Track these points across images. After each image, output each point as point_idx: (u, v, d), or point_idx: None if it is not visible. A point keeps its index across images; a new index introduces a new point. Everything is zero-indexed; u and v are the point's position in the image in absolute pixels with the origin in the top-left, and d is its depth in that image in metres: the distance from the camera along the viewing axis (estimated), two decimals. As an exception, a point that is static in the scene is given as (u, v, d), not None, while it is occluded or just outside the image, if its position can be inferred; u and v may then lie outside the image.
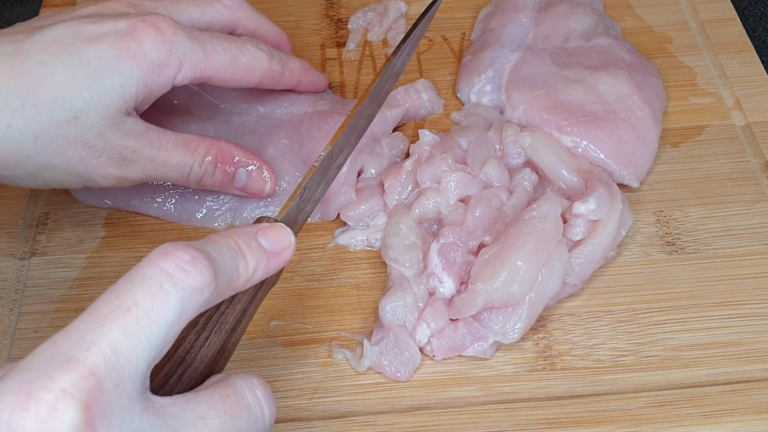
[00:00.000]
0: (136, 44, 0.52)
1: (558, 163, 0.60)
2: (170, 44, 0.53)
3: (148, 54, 0.53)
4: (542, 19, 0.70)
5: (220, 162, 0.57)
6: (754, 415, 0.51)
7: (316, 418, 0.52)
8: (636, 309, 0.57)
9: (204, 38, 0.55)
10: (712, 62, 0.71)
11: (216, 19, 0.59)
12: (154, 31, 0.53)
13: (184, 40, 0.54)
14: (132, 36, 0.52)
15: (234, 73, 0.57)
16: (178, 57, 0.54)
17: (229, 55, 0.56)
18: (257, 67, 0.58)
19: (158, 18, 0.54)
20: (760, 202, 0.62)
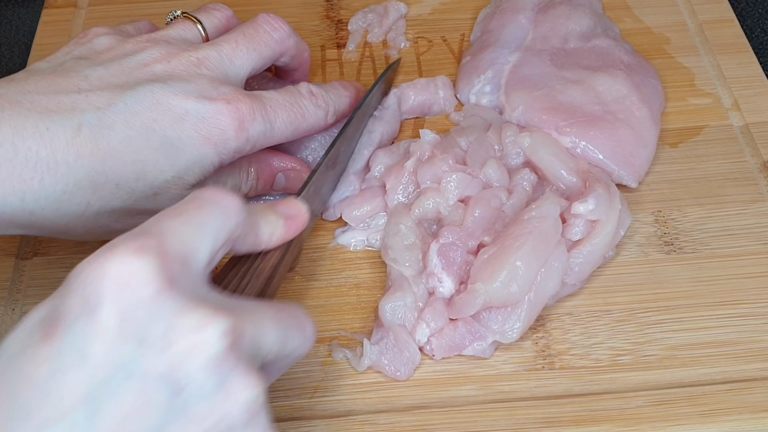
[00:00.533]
0: (219, 132, 0.52)
1: (557, 163, 0.60)
2: (248, 133, 0.54)
3: (229, 144, 0.53)
4: (541, 21, 0.70)
5: (260, 174, 0.60)
6: (752, 414, 0.51)
7: (317, 416, 0.52)
8: (634, 308, 0.57)
9: (275, 115, 0.56)
10: (710, 63, 0.71)
11: (269, 58, 0.59)
12: (238, 123, 0.53)
13: (260, 127, 0.55)
14: (215, 122, 0.52)
15: (292, 137, 0.58)
16: (252, 143, 0.55)
17: (294, 126, 0.57)
18: (315, 127, 0.59)
19: (241, 104, 0.53)
20: (758, 202, 0.62)
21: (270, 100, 0.56)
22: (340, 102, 0.62)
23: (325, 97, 0.60)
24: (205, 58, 0.55)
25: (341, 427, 0.51)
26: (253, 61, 0.57)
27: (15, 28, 0.83)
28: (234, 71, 0.56)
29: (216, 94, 0.53)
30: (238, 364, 0.37)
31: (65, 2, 0.77)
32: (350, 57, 0.73)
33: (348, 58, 0.73)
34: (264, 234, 0.46)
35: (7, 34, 0.83)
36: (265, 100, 0.56)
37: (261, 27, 0.59)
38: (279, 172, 0.61)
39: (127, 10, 0.76)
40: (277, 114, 0.56)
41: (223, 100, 0.53)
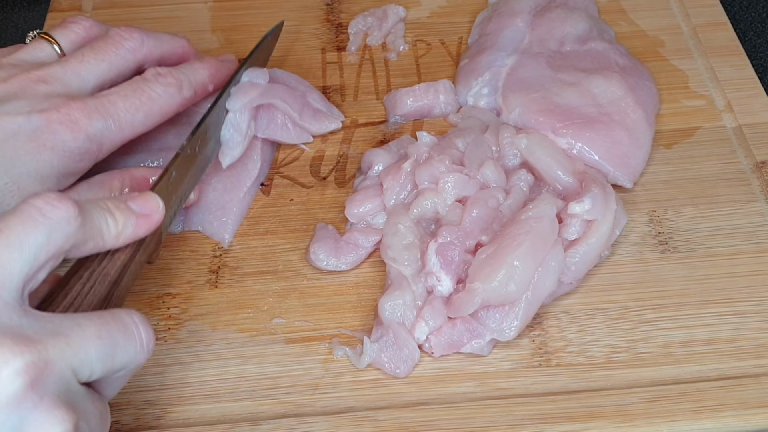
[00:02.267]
0: (53, 137, 0.52)
1: (553, 164, 0.60)
2: (87, 132, 0.53)
3: (67, 144, 0.52)
4: (538, 24, 0.70)
5: (135, 188, 0.58)
6: (745, 411, 0.51)
7: (317, 413, 0.52)
8: (629, 307, 0.57)
9: (116, 108, 0.55)
10: (703, 65, 0.71)
11: (123, 67, 0.58)
12: (70, 126, 0.52)
13: (99, 123, 0.54)
14: (48, 130, 0.52)
15: (151, 124, 0.57)
16: (97, 141, 0.54)
17: (143, 112, 0.56)
18: (171, 105, 0.58)
19: (71, 108, 0.53)
20: (751, 202, 0.62)
21: (107, 96, 0.55)
22: (195, 75, 0.60)
23: (175, 74, 0.58)
24: (47, 75, 0.55)
25: (342, 424, 0.51)
26: (102, 71, 0.57)
27: (21, 31, 0.83)
28: (80, 84, 0.55)
29: (48, 104, 0.53)
30: (43, 400, 0.36)
31: (70, 6, 0.77)
32: (350, 60, 0.73)
33: (348, 61, 0.73)
34: (108, 236, 0.45)
35: (12, 37, 0.83)
36: (101, 97, 0.55)
37: (110, 39, 0.58)
38: None
39: (130, 13, 0.76)
40: (117, 106, 0.55)
41: (54, 109, 0.52)
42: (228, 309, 0.57)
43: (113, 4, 0.77)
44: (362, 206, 0.60)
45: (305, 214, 0.62)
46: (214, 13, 0.77)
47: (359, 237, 0.59)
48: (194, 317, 0.57)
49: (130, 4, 0.77)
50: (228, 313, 0.57)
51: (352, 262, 0.59)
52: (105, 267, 0.46)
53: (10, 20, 0.85)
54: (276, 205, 0.63)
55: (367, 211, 0.60)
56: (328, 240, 0.59)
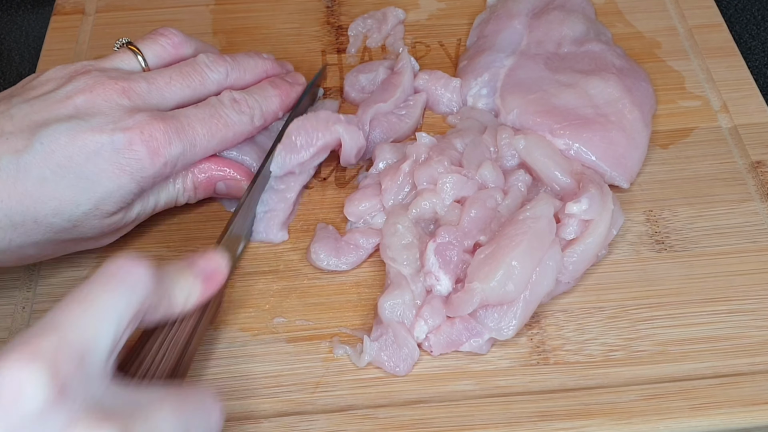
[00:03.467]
0: (134, 162, 0.52)
1: (551, 165, 0.60)
2: (165, 158, 0.54)
3: (145, 171, 0.53)
4: (535, 26, 0.70)
5: (197, 183, 0.58)
6: (741, 408, 0.51)
7: (318, 411, 0.52)
8: (626, 305, 0.57)
9: (192, 132, 0.55)
10: (699, 67, 0.71)
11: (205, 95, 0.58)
12: (152, 150, 0.53)
13: (178, 148, 0.54)
14: (129, 152, 0.52)
15: (222, 148, 0.58)
16: (172, 164, 0.55)
17: (217, 138, 0.57)
18: (243, 133, 0.59)
19: (155, 129, 0.53)
20: (747, 202, 0.62)
21: (187, 117, 0.56)
22: (267, 103, 0.60)
23: (249, 101, 0.59)
24: (131, 89, 0.55)
25: (342, 422, 0.51)
26: (184, 96, 0.57)
27: (25, 34, 0.83)
28: (161, 103, 0.56)
29: (132, 123, 0.53)
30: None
31: (73, 9, 0.77)
32: (350, 62, 0.73)
33: (348, 63, 0.73)
34: (178, 299, 0.46)
35: (17, 40, 0.83)
36: (182, 119, 0.55)
37: (198, 66, 0.58)
38: (218, 180, 0.59)
39: (133, 16, 0.76)
40: (196, 131, 0.56)
41: (137, 129, 0.53)
42: (229, 308, 0.57)
43: (116, 7, 0.77)
44: (361, 205, 0.60)
45: (306, 215, 0.62)
46: (216, 15, 0.77)
47: (360, 238, 0.59)
48: (196, 316, 0.57)
49: (133, 7, 0.77)
50: (230, 313, 0.57)
51: (353, 262, 0.59)
52: (175, 335, 0.47)
53: (14, 22, 0.85)
54: (277, 205, 0.63)
55: (365, 210, 0.60)
56: (329, 240, 0.59)
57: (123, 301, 0.40)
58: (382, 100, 0.65)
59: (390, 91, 0.66)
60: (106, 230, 0.55)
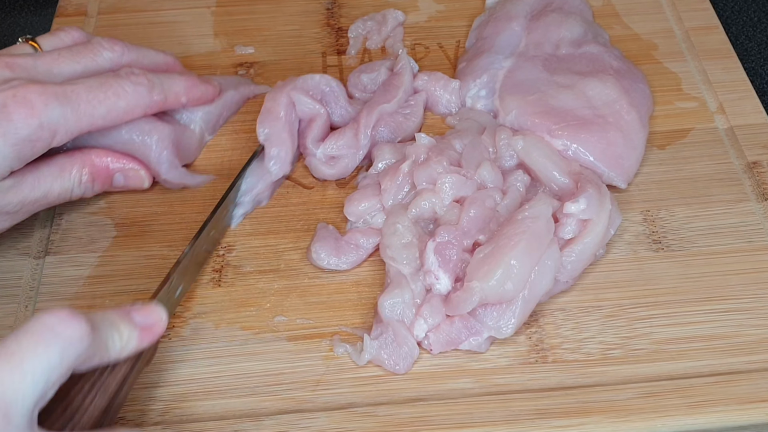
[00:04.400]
0: (6, 123, 0.51)
1: (549, 165, 0.60)
2: (40, 119, 0.51)
3: (19, 132, 0.51)
4: (534, 28, 0.70)
5: (96, 176, 0.58)
6: (738, 406, 0.51)
7: (319, 409, 0.52)
8: (624, 304, 0.57)
9: (77, 97, 0.53)
10: (696, 68, 0.71)
11: (100, 67, 0.57)
12: (25, 109, 0.51)
13: (56, 110, 0.52)
14: (2, 114, 0.51)
15: (113, 119, 0.56)
16: (51, 129, 0.52)
17: (106, 106, 0.55)
18: (138, 105, 0.57)
19: (29, 91, 0.51)
20: (743, 202, 0.62)
21: (72, 84, 0.54)
22: (170, 82, 0.59)
23: (149, 76, 0.58)
24: (15, 62, 0.53)
25: (342, 419, 0.51)
26: (75, 71, 0.56)
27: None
28: (50, 78, 0.54)
29: (6, 87, 0.51)
30: None
31: (76, 11, 0.77)
32: (350, 63, 0.73)
33: (348, 64, 0.73)
34: (113, 349, 0.45)
35: (19, 42, 0.83)
36: (66, 86, 0.53)
37: (90, 45, 0.58)
38: (116, 172, 0.59)
39: (135, 18, 0.76)
40: (80, 96, 0.53)
41: (11, 91, 0.51)
42: (231, 307, 0.57)
43: (118, 9, 0.77)
44: (361, 205, 0.60)
45: (306, 215, 0.62)
46: (217, 17, 0.77)
47: (360, 237, 0.59)
48: (198, 315, 0.57)
49: (135, 9, 0.77)
50: (231, 311, 0.57)
51: (353, 261, 0.59)
52: (106, 379, 0.46)
53: (17, 24, 0.85)
54: (277, 205, 0.63)
55: (365, 210, 0.60)
56: (329, 240, 0.59)
57: (56, 357, 0.39)
58: (385, 100, 0.65)
59: (392, 91, 0.66)
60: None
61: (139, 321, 0.47)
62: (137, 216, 0.62)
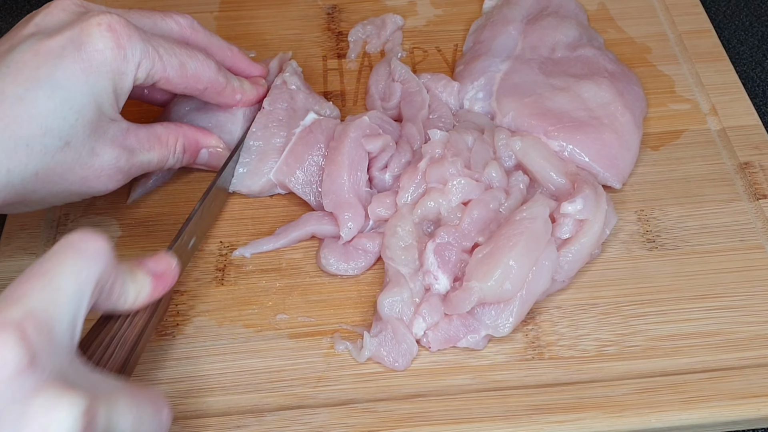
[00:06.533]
0: (96, 53, 0.51)
1: (547, 166, 0.60)
2: (125, 49, 0.52)
3: (109, 63, 0.51)
4: (530, 31, 0.70)
5: (187, 148, 0.59)
6: (731, 401, 0.51)
7: (320, 405, 0.52)
8: (619, 302, 0.57)
9: (157, 41, 0.54)
10: (689, 71, 0.71)
11: (165, 32, 0.58)
12: (111, 36, 0.51)
13: (138, 43, 0.52)
14: (90, 44, 0.51)
15: (182, 77, 0.56)
16: (135, 61, 0.53)
17: (179, 59, 0.55)
18: (204, 74, 0.57)
19: (113, 19, 0.51)
20: (735, 202, 0.62)
21: (152, 32, 0.55)
22: (250, 86, 0.62)
23: (227, 73, 0.59)
24: (90, 3, 0.54)
25: (343, 415, 0.51)
26: (145, 24, 0.56)
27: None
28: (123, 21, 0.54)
29: (89, 16, 0.51)
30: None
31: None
32: (350, 66, 0.73)
33: (348, 68, 0.73)
34: (130, 293, 0.46)
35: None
36: (146, 30, 0.54)
37: (161, 10, 0.59)
38: (204, 147, 0.60)
39: (139, 23, 0.76)
40: (159, 42, 0.54)
41: (95, 20, 0.51)
42: (233, 305, 0.57)
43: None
44: (376, 209, 0.59)
45: (307, 215, 0.62)
46: (220, 22, 0.77)
47: (367, 242, 0.59)
48: (201, 313, 0.57)
49: (139, 14, 0.77)
50: (233, 310, 0.57)
51: (362, 267, 0.58)
52: (125, 332, 0.46)
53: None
54: (278, 206, 0.63)
55: (382, 212, 0.59)
56: (337, 245, 0.59)
57: (83, 273, 0.40)
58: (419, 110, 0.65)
59: (418, 102, 0.65)
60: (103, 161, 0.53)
61: (152, 267, 0.48)
62: (142, 216, 0.62)
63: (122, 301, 0.45)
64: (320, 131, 0.62)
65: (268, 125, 0.63)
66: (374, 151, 0.60)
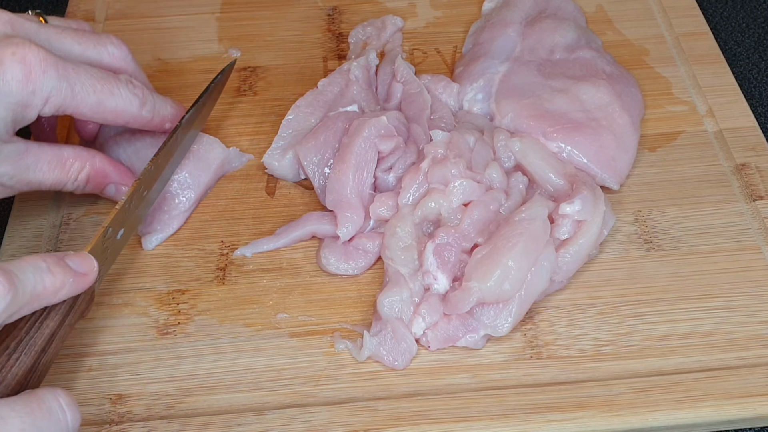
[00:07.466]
0: (2, 83, 0.49)
1: (545, 167, 0.60)
2: (35, 84, 0.49)
3: (13, 93, 0.49)
4: (529, 33, 0.70)
5: (92, 178, 0.57)
6: (726, 400, 0.51)
7: (320, 403, 0.52)
8: (616, 302, 0.57)
9: (75, 76, 0.52)
10: (686, 73, 0.71)
11: (94, 62, 0.56)
12: (21, 69, 0.49)
13: (51, 79, 0.50)
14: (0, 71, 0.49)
15: (99, 113, 0.54)
16: (43, 96, 0.50)
17: (98, 97, 0.53)
18: (125, 111, 0.55)
19: (30, 51, 0.49)
20: (731, 203, 0.62)
21: (75, 64, 0.52)
22: (163, 104, 0.58)
23: (145, 91, 0.56)
24: (19, 23, 0.51)
25: (343, 413, 0.51)
26: (73, 51, 0.54)
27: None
28: (49, 46, 0.52)
29: (7, 43, 0.49)
30: None
31: (84, 16, 0.77)
32: (350, 68, 0.73)
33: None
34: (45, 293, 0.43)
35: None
36: (68, 62, 0.51)
37: (98, 35, 0.57)
38: (113, 183, 0.58)
39: (142, 23, 0.76)
40: (79, 76, 0.52)
41: (11, 48, 0.49)
42: (235, 304, 0.57)
43: (125, 15, 0.77)
44: (378, 209, 0.59)
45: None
46: (221, 23, 0.77)
47: (367, 242, 0.59)
48: (202, 312, 0.57)
49: (142, 15, 0.77)
50: (235, 309, 0.57)
51: (363, 267, 0.58)
52: (33, 337, 0.44)
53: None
54: (279, 205, 0.63)
55: (384, 211, 0.59)
56: (337, 245, 0.59)
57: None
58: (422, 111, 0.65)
59: (420, 103, 0.65)
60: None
61: (73, 266, 0.46)
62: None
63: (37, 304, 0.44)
64: (347, 119, 0.63)
65: (313, 103, 0.64)
66: (386, 151, 0.60)
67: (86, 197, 0.62)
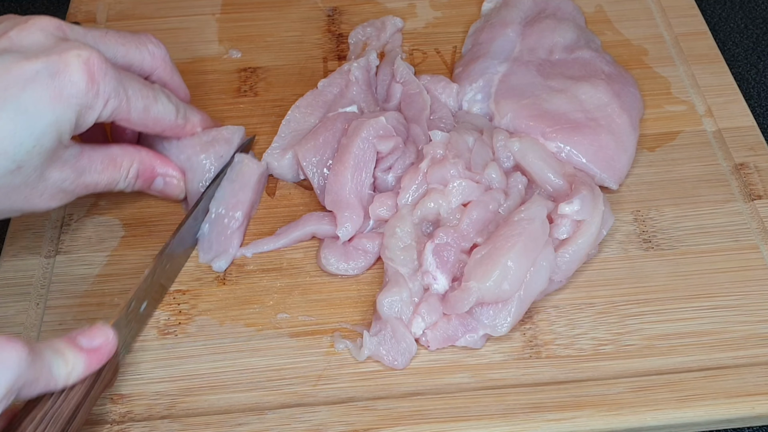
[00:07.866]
0: (70, 85, 0.49)
1: (544, 167, 0.60)
2: (98, 86, 0.51)
3: (80, 96, 0.50)
4: (528, 34, 0.70)
5: (141, 173, 0.58)
6: (726, 400, 0.51)
7: (320, 403, 0.52)
8: (615, 302, 0.57)
9: (128, 82, 0.53)
10: (685, 73, 0.71)
11: (136, 61, 0.57)
12: (86, 71, 0.50)
13: (112, 81, 0.51)
14: (65, 74, 0.49)
15: (144, 120, 0.55)
16: (105, 98, 0.51)
17: (144, 103, 0.54)
18: (165, 119, 0.57)
19: (91, 54, 0.50)
20: (730, 202, 0.62)
21: (124, 71, 0.54)
22: (192, 113, 0.60)
23: (176, 100, 0.58)
24: (67, 26, 0.52)
25: (343, 413, 0.51)
26: (118, 52, 0.55)
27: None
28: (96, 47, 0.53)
29: (68, 47, 0.50)
30: None
31: (85, 18, 0.77)
32: (350, 68, 0.73)
33: (348, 69, 0.73)
34: (59, 375, 0.44)
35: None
36: (119, 69, 0.53)
37: (138, 35, 0.58)
38: (159, 176, 0.59)
39: (142, 25, 0.76)
40: (131, 82, 0.53)
41: (75, 51, 0.50)
42: (235, 305, 0.57)
43: (126, 16, 0.77)
44: (378, 209, 0.59)
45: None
46: (221, 24, 0.77)
47: (367, 242, 0.59)
48: (203, 312, 0.57)
49: (142, 16, 0.77)
50: (235, 309, 0.57)
51: (362, 267, 0.58)
52: (59, 407, 0.45)
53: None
54: (280, 205, 0.63)
55: (384, 212, 0.59)
56: (337, 245, 0.59)
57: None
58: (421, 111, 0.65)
59: (420, 103, 0.65)
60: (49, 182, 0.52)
61: (85, 344, 0.46)
62: (144, 216, 0.62)
63: (52, 385, 0.44)
64: (346, 120, 0.63)
65: (312, 104, 0.64)
66: (385, 152, 0.60)
67: (86, 197, 0.62)
